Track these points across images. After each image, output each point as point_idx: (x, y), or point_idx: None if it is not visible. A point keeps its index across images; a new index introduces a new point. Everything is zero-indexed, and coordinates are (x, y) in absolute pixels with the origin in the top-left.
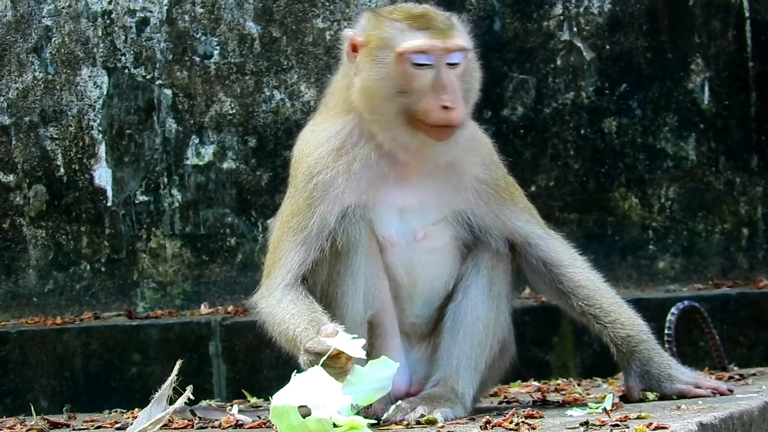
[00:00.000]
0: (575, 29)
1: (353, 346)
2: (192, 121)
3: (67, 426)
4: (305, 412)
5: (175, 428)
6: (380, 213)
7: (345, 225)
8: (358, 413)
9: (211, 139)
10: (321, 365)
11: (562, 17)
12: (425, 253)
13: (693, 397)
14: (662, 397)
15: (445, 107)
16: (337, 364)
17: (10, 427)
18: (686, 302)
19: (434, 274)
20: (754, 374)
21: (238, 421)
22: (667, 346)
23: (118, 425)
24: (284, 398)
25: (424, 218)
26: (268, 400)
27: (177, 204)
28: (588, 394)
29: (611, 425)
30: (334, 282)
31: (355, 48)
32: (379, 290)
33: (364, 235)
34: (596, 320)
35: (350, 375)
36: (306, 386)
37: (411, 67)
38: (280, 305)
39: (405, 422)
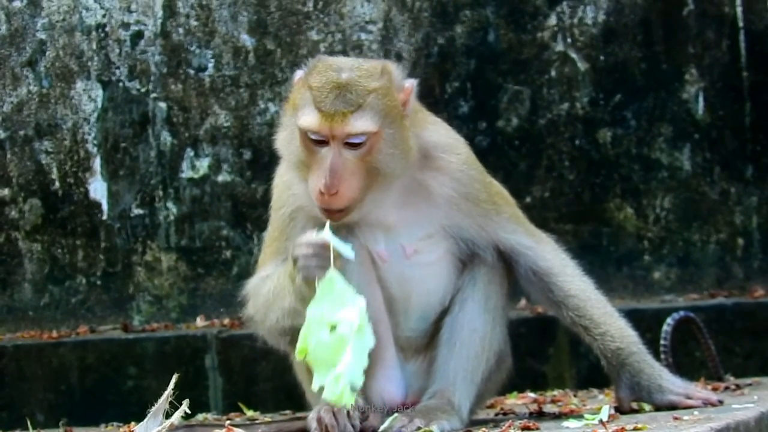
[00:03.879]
0: (569, 40)
1: (343, 246)
2: (187, 134)
3: None
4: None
5: None
6: (365, 231)
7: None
8: None
9: (206, 152)
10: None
11: (556, 28)
12: (419, 267)
13: (684, 408)
14: (658, 408)
15: (323, 192)
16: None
17: None
18: (682, 312)
19: (429, 288)
20: (750, 384)
21: None
22: (663, 356)
23: None
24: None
25: (411, 235)
26: (265, 413)
27: (172, 217)
28: (584, 405)
29: None
30: None
31: None
32: (372, 300)
33: (354, 245)
34: (586, 332)
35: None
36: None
37: (309, 141)
38: (261, 291)
39: None
